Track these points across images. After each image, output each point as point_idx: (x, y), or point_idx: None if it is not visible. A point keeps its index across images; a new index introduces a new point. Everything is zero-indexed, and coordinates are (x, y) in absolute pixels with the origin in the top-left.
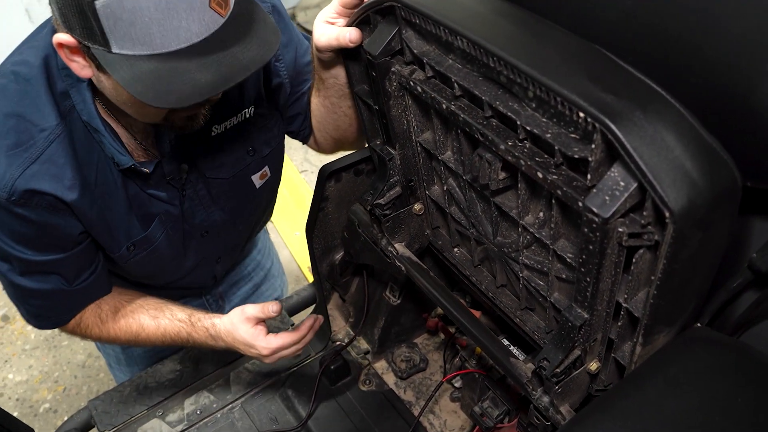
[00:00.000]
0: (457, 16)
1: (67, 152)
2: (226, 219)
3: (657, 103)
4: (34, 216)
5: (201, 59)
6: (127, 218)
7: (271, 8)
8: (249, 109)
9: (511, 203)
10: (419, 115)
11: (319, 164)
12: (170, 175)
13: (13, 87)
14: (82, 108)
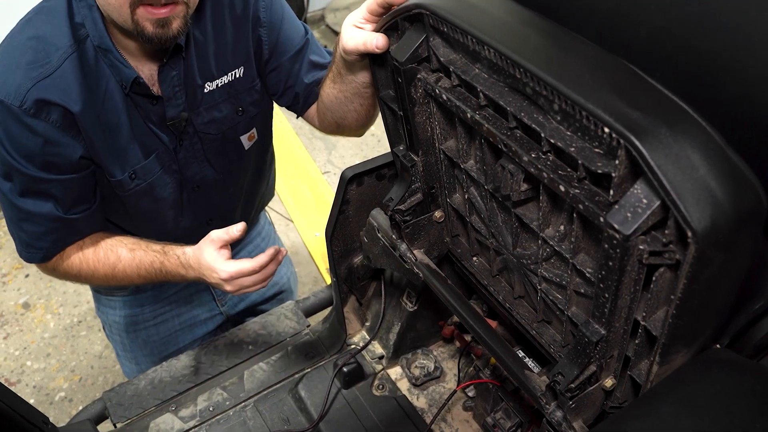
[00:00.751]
0: (485, 25)
1: (78, 71)
2: (216, 177)
3: (683, 121)
4: (41, 129)
5: None
6: (129, 144)
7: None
8: (239, 69)
9: (532, 215)
10: (443, 123)
11: (342, 166)
12: (171, 119)
13: (37, 18)
14: (94, 33)
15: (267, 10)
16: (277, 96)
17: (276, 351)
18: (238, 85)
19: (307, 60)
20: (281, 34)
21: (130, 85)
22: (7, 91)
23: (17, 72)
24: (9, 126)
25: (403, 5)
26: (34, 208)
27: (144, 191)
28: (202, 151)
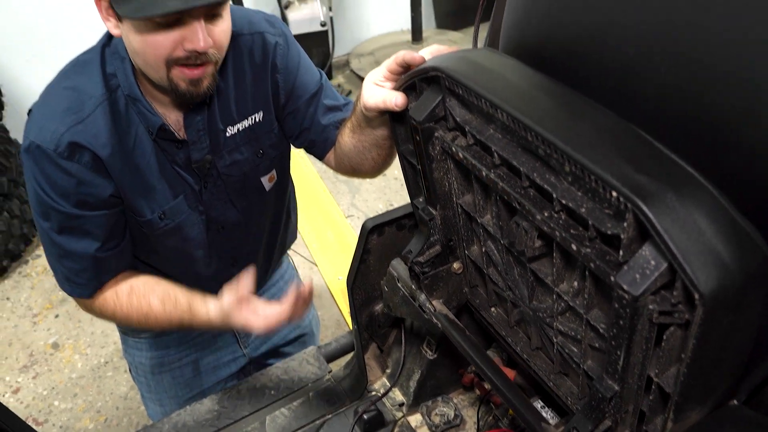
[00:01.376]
0: (498, 89)
1: (108, 117)
2: (239, 218)
3: (690, 185)
4: (74, 170)
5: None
6: (158, 185)
7: (281, 33)
8: (258, 114)
9: (546, 270)
10: (460, 179)
11: (365, 209)
12: (196, 162)
13: (73, 69)
14: (124, 83)
15: (284, 57)
16: (293, 138)
17: (297, 397)
18: (257, 129)
19: (322, 104)
20: (297, 79)
21: (156, 131)
22: (44, 137)
23: (53, 119)
24: (45, 168)
25: (421, 67)
26: (71, 245)
27: (173, 231)
28: (225, 193)
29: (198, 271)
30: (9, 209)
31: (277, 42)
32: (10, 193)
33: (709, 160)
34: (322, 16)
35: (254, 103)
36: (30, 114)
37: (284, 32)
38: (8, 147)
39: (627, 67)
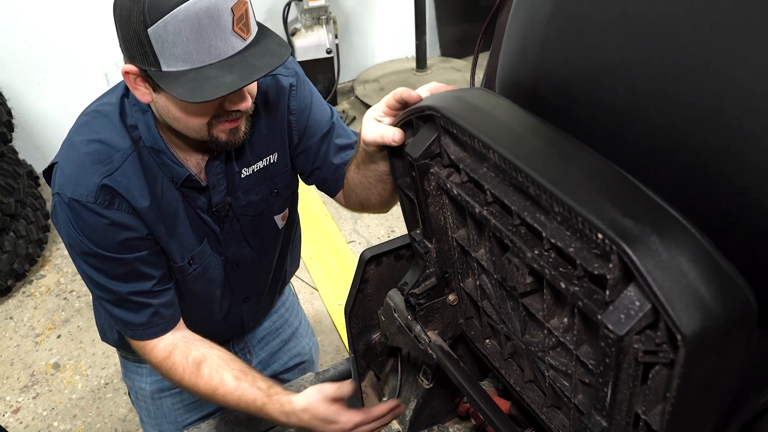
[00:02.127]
0: (491, 130)
1: (137, 169)
2: (253, 256)
3: (674, 228)
4: (117, 217)
5: (226, 68)
6: (186, 231)
7: (294, 73)
8: (273, 155)
9: (537, 305)
10: (455, 214)
11: (367, 235)
12: (216, 205)
13: (94, 121)
14: (147, 135)
15: (297, 99)
16: (305, 176)
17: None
18: (272, 169)
19: (334, 143)
20: (310, 119)
21: (182, 181)
22: (81, 192)
23: (86, 173)
24: (86, 220)
25: (417, 105)
26: (125, 287)
27: (199, 275)
28: (240, 232)
29: (212, 310)
30: (15, 229)
31: (290, 84)
32: (17, 213)
33: (696, 201)
34: (328, 43)
35: (269, 144)
36: (56, 167)
37: (296, 71)
38: (17, 168)
39: (617, 108)
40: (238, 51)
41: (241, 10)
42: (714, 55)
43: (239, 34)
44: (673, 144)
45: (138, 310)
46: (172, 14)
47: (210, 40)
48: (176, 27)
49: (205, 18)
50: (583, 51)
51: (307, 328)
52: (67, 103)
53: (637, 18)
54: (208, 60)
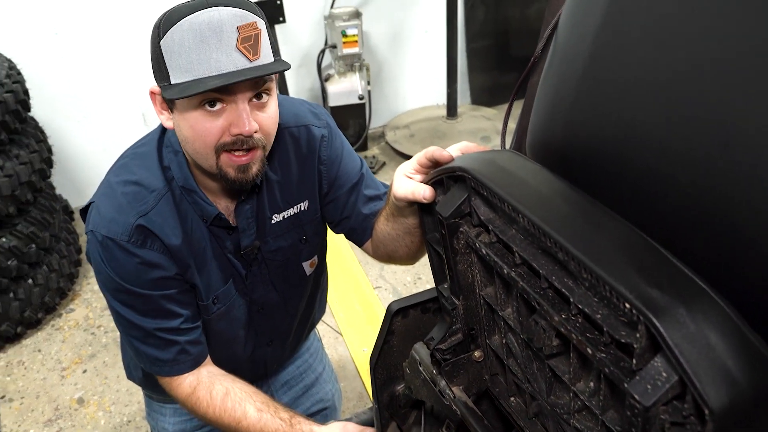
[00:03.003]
0: (520, 194)
1: (171, 208)
2: (279, 300)
3: (701, 300)
4: (149, 256)
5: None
6: (212, 271)
7: (326, 125)
8: (304, 203)
9: (564, 368)
10: (483, 272)
11: (393, 281)
12: (245, 248)
13: (131, 162)
14: (179, 175)
15: (328, 149)
16: (334, 225)
17: None
18: (302, 217)
19: (363, 194)
20: (340, 169)
21: (211, 220)
22: (116, 230)
23: (121, 212)
24: (119, 258)
25: (449, 166)
26: (153, 324)
27: (223, 314)
28: (267, 276)
29: (235, 351)
30: (48, 263)
31: (323, 135)
32: (51, 247)
33: (726, 270)
34: (360, 89)
35: (299, 192)
36: (93, 206)
37: (328, 123)
38: (53, 203)
39: (646, 174)
40: (240, 68)
41: (249, 32)
42: (747, 122)
43: (244, 53)
44: (703, 213)
45: (165, 347)
46: (178, 24)
47: (211, 51)
48: (180, 36)
49: (207, 29)
50: (612, 115)
51: (330, 373)
52: (105, 140)
53: (666, 83)
54: (209, 72)
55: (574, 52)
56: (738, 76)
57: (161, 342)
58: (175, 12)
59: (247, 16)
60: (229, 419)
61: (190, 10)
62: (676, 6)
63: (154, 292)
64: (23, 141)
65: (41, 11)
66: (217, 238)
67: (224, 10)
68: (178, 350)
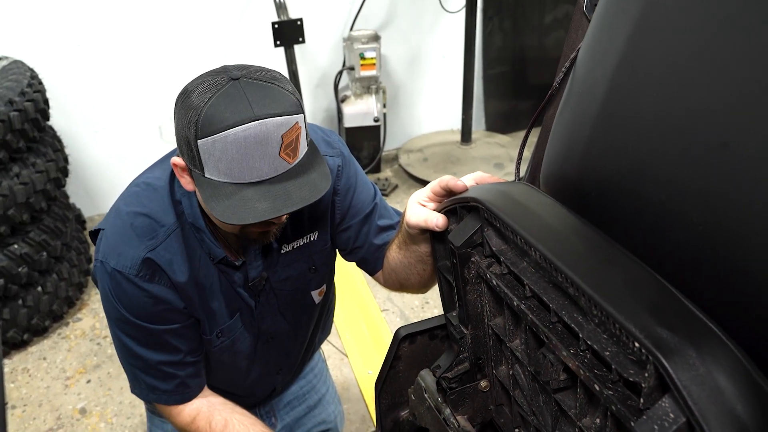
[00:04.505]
0: (533, 228)
1: (180, 244)
2: (288, 329)
3: (711, 342)
4: (155, 291)
5: (263, 192)
6: (218, 306)
7: (340, 154)
8: (314, 233)
9: (570, 402)
10: (493, 302)
11: (401, 304)
12: (253, 280)
13: (143, 193)
14: (189, 212)
15: (342, 180)
16: (345, 253)
17: None
18: (312, 247)
19: (375, 224)
20: (353, 199)
21: (218, 259)
22: (125, 263)
23: (131, 245)
24: (127, 291)
25: (462, 196)
26: (155, 357)
27: (226, 348)
28: (276, 306)
29: (237, 380)
30: (58, 271)
31: (338, 165)
32: (62, 256)
33: (736, 312)
34: (376, 112)
35: (310, 223)
36: (102, 234)
37: (342, 152)
38: (66, 212)
39: (659, 212)
40: (279, 173)
41: (291, 137)
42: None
43: (285, 159)
44: (716, 253)
45: (165, 379)
46: (221, 135)
47: (254, 162)
48: (224, 147)
49: (253, 144)
50: (628, 152)
51: (334, 395)
52: (121, 152)
53: (683, 123)
54: (249, 179)
55: (591, 88)
56: (755, 116)
57: (162, 374)
58: (218, 117)
59: (290, 120)
60: None
61: (235, 121)
62: (694, 46)
63: (159, 326)
64: (40, 149)
65: (66, 23)
66: (225, 274)
67: (270, 122)
68: (177, 383)
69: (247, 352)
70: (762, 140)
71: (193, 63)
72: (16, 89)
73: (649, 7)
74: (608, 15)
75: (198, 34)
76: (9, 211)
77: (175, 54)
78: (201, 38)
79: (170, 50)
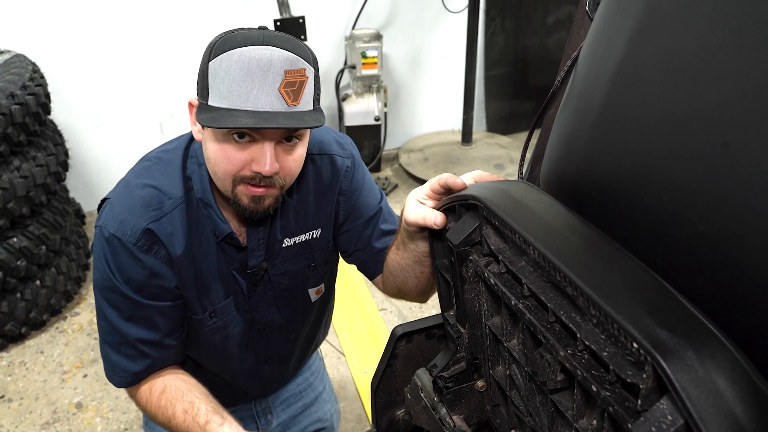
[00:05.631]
0: (532, 226)
1: (184, 218)
2: (281, 322)
3: (711, 344)
4: (150, 263)
5: (253, 114)
6: (214, 285)
7: (350, 155)
8: (317, 231)
9: (567, 403)
10: (490, 302)
11: (399, 304)
12: (252, 268)
13: (154, 167)
14: (198, 187)
15: (349, 181)
16: (346, 255)
17: None
18: (313, 244)
19: (378, 227)
20: (358, 201)
21: (223, 237)
22: (125, 230)
23: (134, 213)
24: (122, 259)
25: (461, 193)
26: (135, 332)
27: (218, 329)
28: (272, 298)
29: (235, 366)
30: (57, 265)
31: (347, 166)
32: (60, 250)
33: (736, 313)
34: (377, 111)
35: (314, 220)
36: (107, 203)
37: (353, 154)
38: (66, 206)
39: (659, 212)
40: (275, 110)
41: (295, 78)
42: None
43: (283, 97)
44: (716, 254)
45: (137, 359)
46: (229, 52)
47: (252, 88)
48: (228, 64)
49: (255, 66)
50: (628, 152)
51: (330, 393)
52: (122, 147)
53: (683, 123)
54: (244, 105)
55: (592, 87)
56: (756, 116)
57: (135, 353)
58: (230, 39)
59: (298, 61)
60: (162, 417)
61: (244, 42)
62: (695, 46)
63: (147, 300)
64: (41, 143)
65: (68, 18)
66: (225, 254)
67: (276, 51)
68: (148, 364)
69: (240, 337)
70: (763, 141)
71: (194, 59)
72: (17, 83)
73: (651, 7)
74: (610, 14)
75: (200, 30)
76: (9, 204)
77: (177, 50)
78: (203, 35)
79: (172, 46)
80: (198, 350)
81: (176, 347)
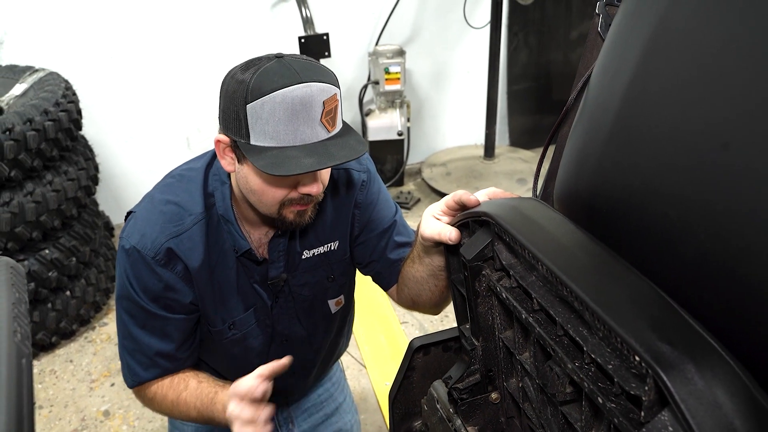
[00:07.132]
0: (541, 243)
1: (204, 234)
2: (303, 334)
3: (711, 358)
4: (166, 277)
5: (307, 151)
6: (233, 299)
7: (366, 170)
8: (335, 243)
9: (576, 415)
10: (503, 315)
11: (420, 318)
12: (272, 279)
13: (177, 184)
14: (220, 204)
15: (365, 194)
16: (362, 266)
17: None
18: (332, 256)
19: (393, 239)
20: (374, 214)
21: (242, 252)
22: (145, 244)
23: (155, 228)
24: (141, 271)
25: (474, 210)
26: (149, 341)
27: (237, 341)
28: (294, 310)
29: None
30: (87, 277)
31: (362, 180)
32: (90, 262)
33: (738, 328)
34: (400, 126)
35: (332, 232)
36: (132, 216)
37: (369, 169)
38: (96, 219)
39: (667, 228)
40: (320, 140)
41: (331, 105)
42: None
43: (325, 126)
44: (721, 272)
45: (148, 368)
46: (271, 96)
47: (299, 125)
48: (272, 107)
49: (299, 105)
50: (638, 168)
51: (351, 404)
52: (150, 161)
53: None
54: (293, 142)
55: (603, 106)
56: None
57: (148, 362)
58: (266, 80)
59: (331, 89)
60: (173, 394)
61: (283, 83)
62: (704, 65)
63: (160, 311)
64: (73, 158)
65: (100, 37)
66: (245, 268)
67: (314, 86)
68: (158, 373)
69: (260, 349)
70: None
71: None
72: (51, 100)
73: (661, 27)
74: (621, 34)
75: (226, 47)
76: (41, 217)
77: (203, 68)
78: (229, 52)
79: (198, 64)
80: (219, 361)
81: (188, 359)
